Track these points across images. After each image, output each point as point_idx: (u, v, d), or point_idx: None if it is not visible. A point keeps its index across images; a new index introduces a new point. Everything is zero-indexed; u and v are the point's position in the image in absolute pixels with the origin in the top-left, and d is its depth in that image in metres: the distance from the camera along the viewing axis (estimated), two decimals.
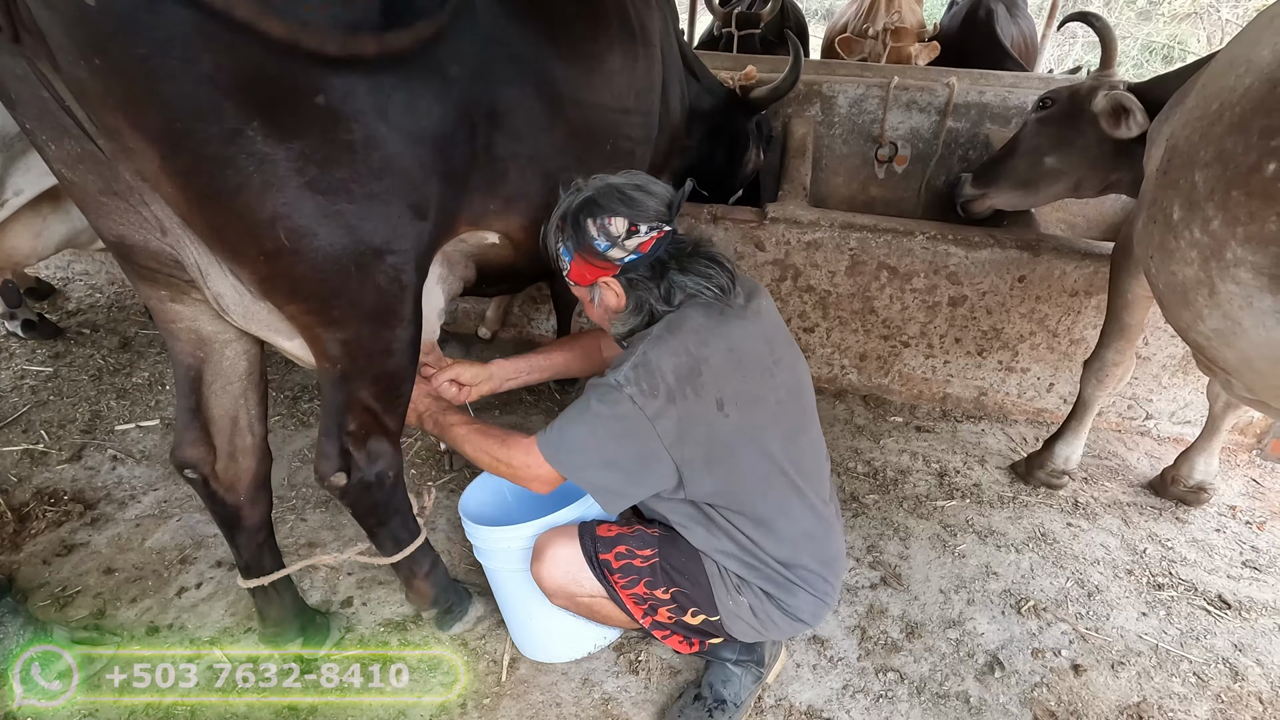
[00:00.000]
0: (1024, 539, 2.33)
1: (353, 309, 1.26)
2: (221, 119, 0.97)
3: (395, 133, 1.15)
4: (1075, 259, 2.67)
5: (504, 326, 3.44)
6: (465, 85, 1.27)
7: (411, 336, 1.39)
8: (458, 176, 1.35)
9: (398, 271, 1.27)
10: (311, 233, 1.12)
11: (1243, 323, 1.36)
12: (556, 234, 1.43)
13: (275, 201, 1.07)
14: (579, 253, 1.39)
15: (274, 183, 1.05)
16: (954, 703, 1.76)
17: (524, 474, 1.42)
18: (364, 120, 1.10)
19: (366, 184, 1.14)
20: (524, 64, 1.43)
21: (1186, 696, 1.81)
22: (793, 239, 2.86)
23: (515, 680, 1.76)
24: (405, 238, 1.25)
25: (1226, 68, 1.44)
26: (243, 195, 1.04)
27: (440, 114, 1.23)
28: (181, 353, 1.42)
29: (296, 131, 1.04)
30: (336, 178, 1.11)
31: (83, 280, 3.67)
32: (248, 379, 1.51)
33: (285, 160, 1.04)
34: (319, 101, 1.04)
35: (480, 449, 1.48)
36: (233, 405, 1.50)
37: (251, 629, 1.85)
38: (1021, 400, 3.01)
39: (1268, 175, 1.21)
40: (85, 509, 2.24)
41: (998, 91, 3.45)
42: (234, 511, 1.56)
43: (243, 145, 1.00)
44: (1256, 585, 2.20)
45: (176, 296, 1.34)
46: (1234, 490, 2.66)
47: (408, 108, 1.16)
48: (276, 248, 1.11)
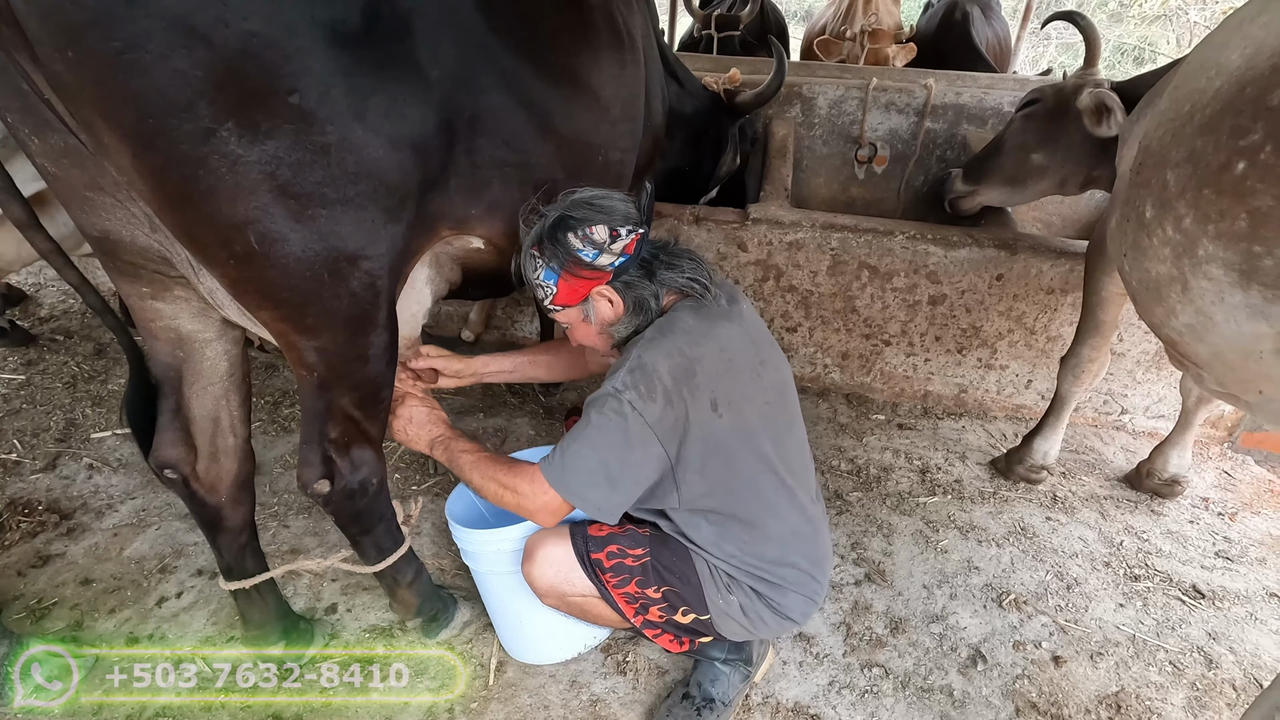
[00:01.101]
0: (1004, 533, 2.37)
1: (327, 316, 1.24)
2: (195, 118, 0.96)
3: (372, 136, 1.13)
4: (1051, 257, 2.72)
5: (487, 329, 3.43)
6: (447, 89, 1.26)
7: (387, 342, 1.37)
8: (437, 182, 1.33)
9: (373, 278, 1.25)
10: (283, 238, 1.10)
11: (1214, 317, 1.39)
12: (534, 261, 1.40)
13: (247, 205, 1.05)
14: (566, 270, 1.38)
15: (246, 185, 1.03)
16: (938, 696, 1.78)
17: (529, 504, 1.41)
18: (340, 123, 1.08)
19: (341, 189, 1.12)
20: (508, 71, 1.42)
21: (1163, 685, 1.85)
22: (775, 239, 2.88)
23: (503, 683, 1.76)
24: (380, 243, 1.23)
25: (1197, 70, 1.47)
26: (214, 197, 1.02)
27: (420, 118, 1.21)
28: (160, 352, 1.40)
29: (270, 133, 1.02)
30: (310, 181, 1.08)
31: (55, 286, 3.61)
32: (229, 379, 1.49)
33: (258, 163, 1.02)
34: (293, 102, 1.02)
35: (488, 476, 1.45)
36: (214, 406, 1.48)
37: (234, 638, 1.83)
38: (1001, 397, 3.05)
39: (1237, 174, 1.24)
40: (61, 519, 2.20)
41: (974, 93, 3.50)
42: (216, 513, 1.54)
43: (215, 146, 0.98)
44: (1229, 575, 2.25)
45: (158, 294, 1.32)
46: (1206, 482, 2.72)
47: (386, 110, 1.14)
48: (247, 252, 1.09)
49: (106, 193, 1.13)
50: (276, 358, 3.14)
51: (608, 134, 1.76)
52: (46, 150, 1.08)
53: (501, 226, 1.53)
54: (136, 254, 1.23)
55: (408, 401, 1.60)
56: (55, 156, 1.08)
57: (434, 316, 3.43)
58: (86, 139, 1.02)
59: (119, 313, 1.86)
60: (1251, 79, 1.25)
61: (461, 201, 1.43)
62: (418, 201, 1.29)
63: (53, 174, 1.13)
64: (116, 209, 1.16)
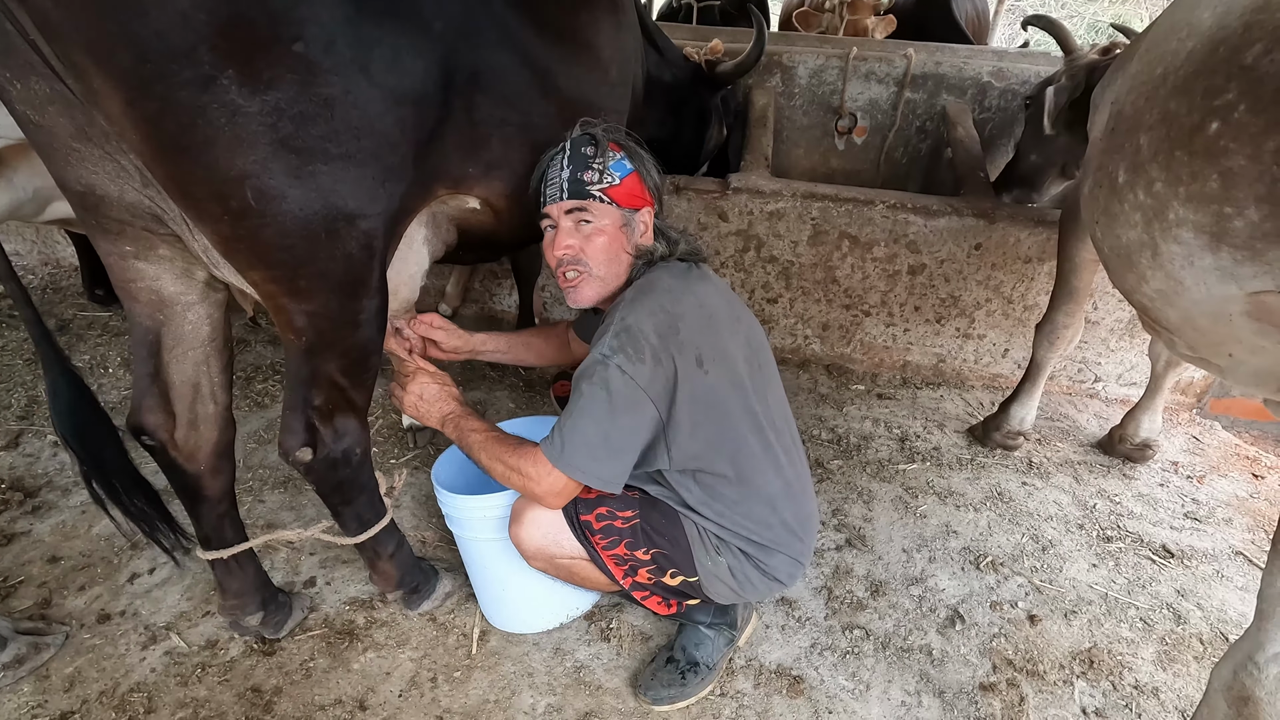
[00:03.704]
0: (982, 498, 2.41)
1: (320, 278, 1.19)
2: (196, 64, 0.90)
3: (376, 89, 1.09)
4: (1029, 226, 2.74)
5: (464, 302, 3.38)
6: (450, 43, 1.22)
7: (378, 307, 1.33)
8: (436, 139, 1.29)
9: (369, 239, 1.21)
10: (281, 194, 1.06)
11: (1184, 282, 1.40)
12: (609, 153, 1.43)
13: (245, 158, 1.00)
14: (639, 172, 1.45)
15: (246, 138, 0.98)
16: (917, 656, 1.81)
17: (535, 488, 1.39)
18: (344, 74, 1.04)
19: (343, 144, 1.08)
20: (511, 27, 1.38)
21: (1134, 640, 1.90)
22: (755, 209, 2.86)
23: (486, 652, 1.75)
24: (379, 203, 1.19)
25: (1168, 32, 1.47)
26: (211, 150, 0.98)
27: (423, 72, 1.17)
28: (140, 315, 1.35)
29: (273, 83, 0.97)
30: (312, 135, 1.04)
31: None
32: (210, 344, 1.44)
33: (259, 114, 0.98)
34: (298, 50, 0.97)
35: (495, 457, 1.43)
36: (194, 372, 1.43)
37: (210, 613, 1.79)
38: (978, 366, 3.09)
39: (1210, 134, 1.24)
40: (26, 497, 2.13)
41: (954, 63, 3.49)
42: (194, 481, 1.50)
43: (216, 95, 0.93)
44: (1197, 535, 2.31)
45: (142, 253, 1.26)
46: (1176, 447, 2.78)
47: (390, 63, 1.10)
48: (242, 208, 1.04)
49: (94, 144, 1.07)
50: (249, 332, 3.06)
51: (607, 96, 1.73)
52: (29, 97, 1.01)
53: (499, 186, 1.49)
54: (124, 210, 1.17)
55: (419, 377, 1.57)
56: (39, 104, 1.02)
57: None
58: (75, 85, 0.95)
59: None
60: (1224, 38, 1.24)
61: (459, 160, 1.39)
62: (416, 159, 1.24)
63: (35, 123, 1.06)
64: (105, 162, 1.09)
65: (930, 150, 3.63)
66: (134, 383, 1.41)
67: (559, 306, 3.30)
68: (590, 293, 1.48)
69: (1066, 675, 1.78)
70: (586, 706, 1.63)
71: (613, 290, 1.49)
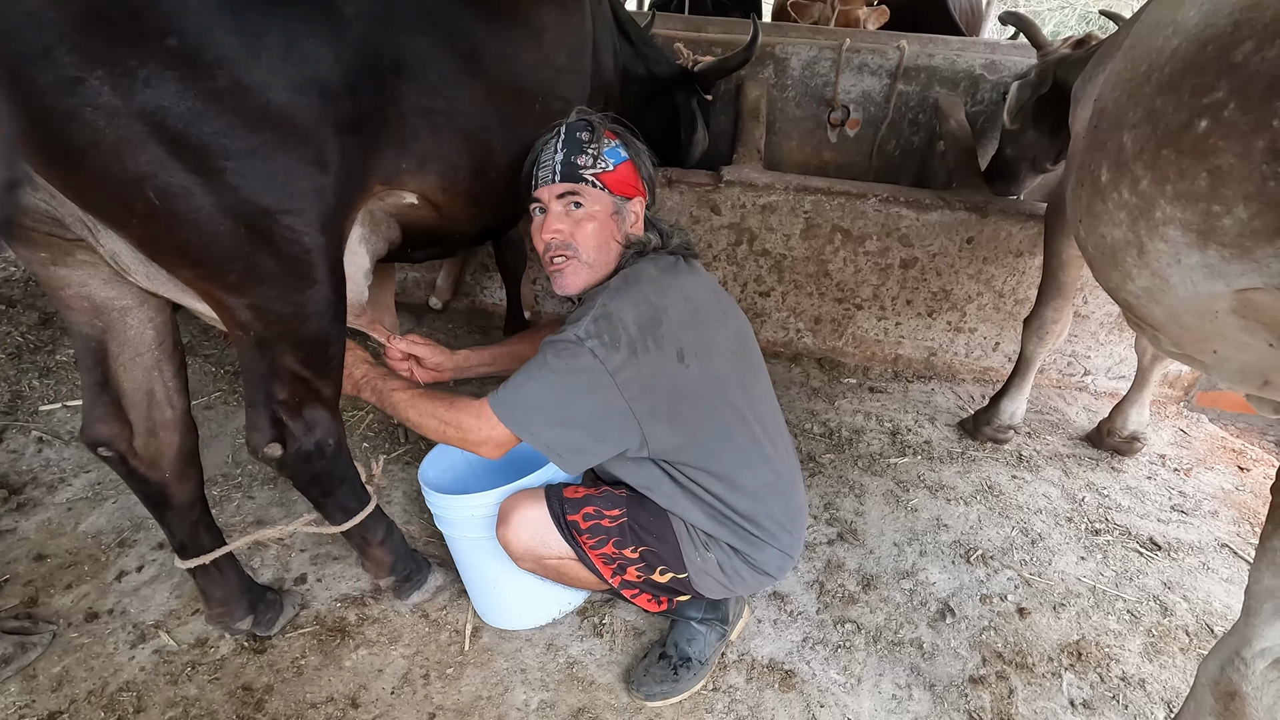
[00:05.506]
0: (972, 492, 2.42)
1: (253, 272, 1.16)
2: (56, 66, 0.86)
3: (272, 79, 1.05)
4: (1020, 220, 2.74)
5: (455, 296, 3.36)
6: (364, 29, 1.18)
7: (329, 298, 1.30)
8: (360, 132, 1.24)
9: (297, 233, 1.17)
10: (187, 192, 1.03)
11: (1170, 280, 1.40)
12: (605, 140, 1.42)
13: (137, 160, 0.97)
14: (634, 161, 1.45)
15: (133, 139, 0.95)
16: (908, 649, 1.82)
17: (473, 437, 1.37)
18: (230, 66, 1.00)
19: (242, 138, 1.04)
20: (436, 9, 1.33)
21: (1121, 633, 1.92)
22: (748, 202, 2.85)
23: (479, 649, 1.75)
24: (300, 196, 1.15)
25: (1153, 29, 1.46)
26: (96, 153, 0.95)
27: (331, 59, 1.13)
28: (79, 322, 1.31)
29: (150, 81, 0.93)
30: (206, 132, 1.00)
31: None
32: (159, 348, 1.40)
33: (142, 114, 0.94)
34: (172, 44, 0.94)
35: (426, 413, 1.42)
36: (145, 378, 1.40)
37: (199, 610, 1.78)
38: (969, 360, 3.10)
39: (1199, 132, 1.23)
40: (10, 494, 2.11)
41: (946, 55, 3.48)
42: (160, 490, 1.47)
43: (86, 97, 0.90)
44: (1184, 528, 2.33)
45: (59, 259, 1.22)
46: (1164, 440, 2.81)
47: (284, 51, 1.06)
48: (149, 210, 1.01)
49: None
50: None
51: (552, 82, 1.66)
52: None
53: (435, 181, 1.44)
54: (25, 215, 1.13)
55: None
56: None
57: (400, 284, 3.34)
58: None
59: None
60: (1212, 36, 1.24)
61: (391, 153, 1.34)
62: (341, 152, 1.20)
63: None
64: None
65: (923, 143, 3.63)
66: (83, 393, 1.37)
67: (551, 301, 3.28)
68: (578, 280, 1.45)
69: (1055, 667, 1.80)
70: (579, 702, 1.63)
71: (600, 279, 1.46)
